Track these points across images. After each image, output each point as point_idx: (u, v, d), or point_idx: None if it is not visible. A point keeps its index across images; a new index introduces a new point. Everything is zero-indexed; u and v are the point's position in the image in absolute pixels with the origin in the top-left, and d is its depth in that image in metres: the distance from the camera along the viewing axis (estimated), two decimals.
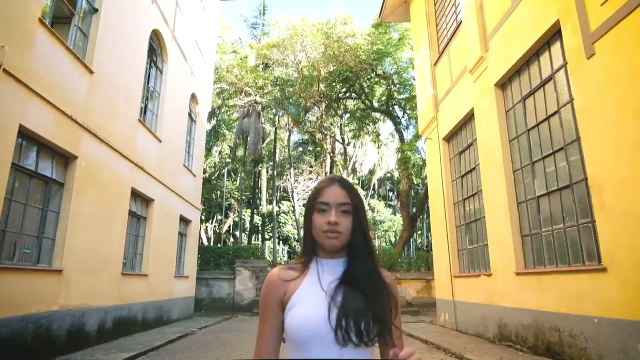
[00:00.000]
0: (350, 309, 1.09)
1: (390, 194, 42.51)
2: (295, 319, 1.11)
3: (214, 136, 30.36)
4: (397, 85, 22.17)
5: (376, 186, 41.09)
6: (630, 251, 4.85)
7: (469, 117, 9.63)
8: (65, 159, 7.08)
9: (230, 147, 33.37)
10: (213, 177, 32.10)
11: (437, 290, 11.61)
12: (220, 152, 34.31)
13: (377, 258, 1.20)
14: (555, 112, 6.53)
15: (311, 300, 1.12)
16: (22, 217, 6.15)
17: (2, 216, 5.56)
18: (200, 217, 19.15)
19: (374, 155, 34.51)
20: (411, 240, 33.58)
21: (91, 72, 7.59)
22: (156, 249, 11.10)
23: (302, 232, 1.29)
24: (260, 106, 27.24)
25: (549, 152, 6.70)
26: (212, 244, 29.75)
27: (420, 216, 25.74)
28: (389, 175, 38.39)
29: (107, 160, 8.30)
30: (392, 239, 35.13)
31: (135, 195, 9.97)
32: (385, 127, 31.64)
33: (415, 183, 28.27)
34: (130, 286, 9.57)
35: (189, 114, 14.47)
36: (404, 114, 24.92)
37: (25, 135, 6.02)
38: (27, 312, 5.93)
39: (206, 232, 32.02)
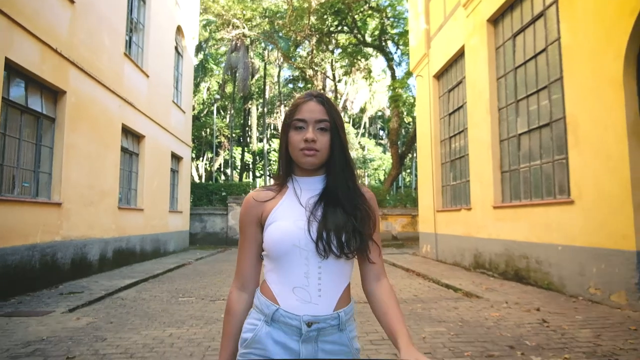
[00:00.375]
0: (330, 222, 1.07)
1: (381, 132, 42.58)
2: (273, 233, 1.08)
3: (201, 71, 29.49)
4: (391, 19, 21.38)
5: (367, 124, 41.02)
6: (595, 185, 5.23)
7: (460, 54, 9.58)
8: (54, 94, 7.05)
9: (218, 83, 32.57)
10: (202, 115, 31.69)
11: (421, 224, 12.25)
12: (208, 89, 33.54)
13: (356, 175, 1.17)
14: (543, 50, 6.58)
15: (290, 215, 1.10)
16: (18, 152, 6.28)
17: None
18: (191, 155, 19.27)
19: (365, 92, 34.08)
20: (400, 178, 34.37)
21: (72, 1, 7.29)
22: (150, 184, 11.37)
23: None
24: (248, 40, 26.25)
25: (533, 90, 6.85)
26: (203, 181, 30.13)
27: (410, 154, 26.13)
28: (380, 113, 38.22)
29: (96, 96, 8.24)
30: (382, 177, 35.83)
31: (126, 131, 10.01)
32: (378, 63, 30.96)
33: (406, 122, 28.34)
34: (127, 219, 9.95)
35: (176, 48, 14.03)
36: (397, 49, 24.29)
37: (13, 69, 5.96)
38: (33, 241, 6.28)
39: (197, 169, 32.26)
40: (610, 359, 3.15)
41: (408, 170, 36.22)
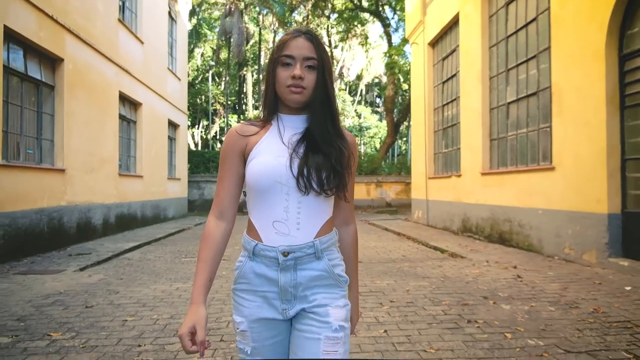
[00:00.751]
0: (312, 160, 1.09)
1: (378, 100, 42.33)
2: (255, 168, 1.10)
3: (195, 37, 28.96)
4: None
5: (363, 92, 40.74)
6: (574, 152, 5.53)
7: (455, 22, 9.60)
8: (52, 61, 7.13)
9: (212, 49, 32.02)
10: (196, 81, 31.36)
11: (413, 191, 12.61)
12: (202, 55, 33.01)
13: (338, 116, 1.18)
14: (534, 19, 6.69)
15: (272, 151, 1.12)
16: (20, 119, 6.45)
17: (2, 118, 5.86)
18: (187, 123, 19.30)
19: (361, 59, 33.66)
20: (396, 146, 34.57)
21: None
22: (148, 151, 11.56)
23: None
24: (243, 4, 25.67)
25: (523, 59, 7.01)
26: (199, 149, 30.21)
27: (405, 122, 26.22)
28: (377, 80, 37.87)
29: (93, 63, 8.30)
30: (378, 146, 35.98)
31: (124, 99, 10.11)
32: (375, 29, 30.45)
33: (403, 89, 28.23)
34: (128, 186, 10.22)
35: (169, 13, 13.83)
36: (394, 14, 23.91)
37: (11, 37, 6.04)
38: (40, 206, 6.56)
39: (193, 137, 32.26)
40: (571, 306, 3.54)
41: (404, 139, 36.36)
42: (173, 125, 14.42)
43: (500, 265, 5.39)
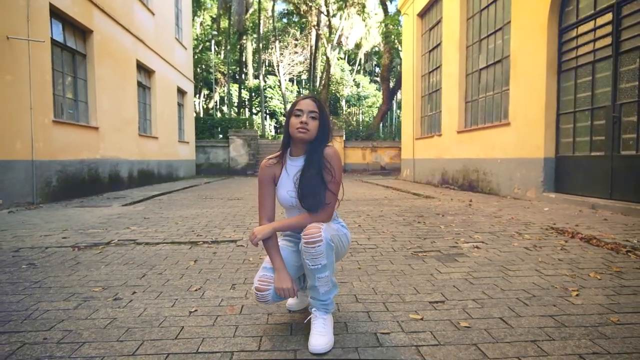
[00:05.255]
0: (310, 190, 1.66)
1: (377, 69, 42.81)
2: (278, 197, 1.77)
3: (195, 5, 29.36)
4: None
5: (362, 61, 41.23)
6: (524, 109, 6.75)
7: None
8: (83, 33, 8.21)
9: (212, 17, 32.44)
10: (197, 51, 31.90)
11: (402, 152, 13.86)
12: (201, 23, 33.41)
13: (330, 139, 1.76)
14: None
15: (285, 187, 1.74)
16: (63, 84, 7.62)
17: (52, 83, 7.03)
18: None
19: (360, 28, 34.04)
20: (395, 115, 35.48)
21: None
22: (161, 115, 12.73)
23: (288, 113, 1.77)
24: None
25: (492, 31, 8.10)
26: (201, 117, 31.12)
27: (400, 90, 27.11)
28: (376, 49, 38.28)
29: (115, 34, 9.36)
30: (376, 115, 36.83)
31: (140, 67, 11.19)
32: None
33: (402, 57, 28.90)
34: (146, 145, 11.46)
35: None
36: None
37: (54, 13, 7.12)
38: (81, 157, 7.84)
39: (194, 106, 33.10)
40: (496, 217, 4.87)
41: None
42: (181, 92, 15.49)
43: (460, 200, 6.72)
